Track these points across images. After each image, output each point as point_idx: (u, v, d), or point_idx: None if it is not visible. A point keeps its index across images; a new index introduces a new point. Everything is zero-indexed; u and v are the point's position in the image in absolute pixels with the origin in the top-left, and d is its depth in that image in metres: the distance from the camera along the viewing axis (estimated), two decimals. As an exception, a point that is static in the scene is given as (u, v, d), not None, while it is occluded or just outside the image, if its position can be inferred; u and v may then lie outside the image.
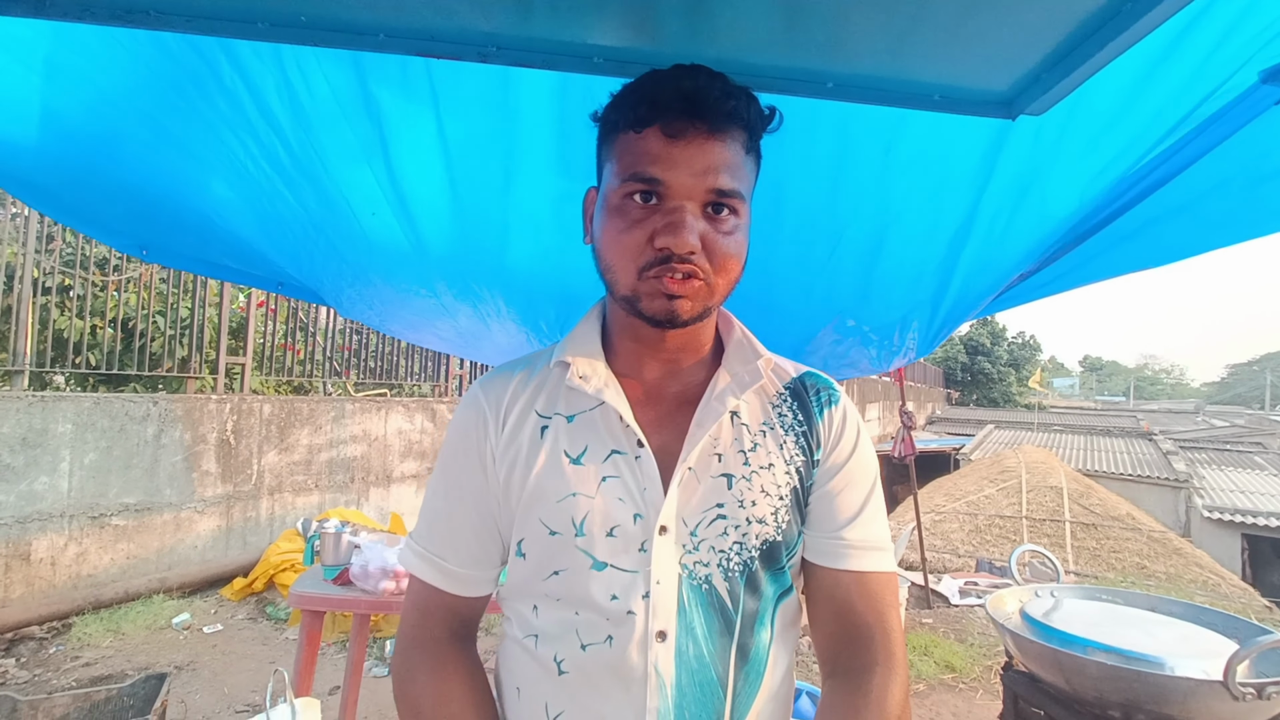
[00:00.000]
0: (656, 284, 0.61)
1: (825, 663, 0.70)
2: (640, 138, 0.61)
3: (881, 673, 0.65)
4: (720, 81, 0.62)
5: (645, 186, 0.61)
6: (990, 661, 3.71)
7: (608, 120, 0.67)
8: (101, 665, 3.08)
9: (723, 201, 0.62)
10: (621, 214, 0.62)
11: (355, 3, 0.78)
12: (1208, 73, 0.88)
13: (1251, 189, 1.01)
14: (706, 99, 0.60)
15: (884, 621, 0.67)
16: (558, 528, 0.65)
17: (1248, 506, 10.43)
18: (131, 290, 4.15)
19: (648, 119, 0.61)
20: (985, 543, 8.41)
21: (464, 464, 0.71)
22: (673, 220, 0.60)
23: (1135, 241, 1.15)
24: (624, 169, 0.62)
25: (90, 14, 0.80)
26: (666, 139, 0.60)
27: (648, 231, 0.61)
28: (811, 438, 0.71)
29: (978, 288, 1.26)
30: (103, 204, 1.28)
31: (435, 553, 0.71)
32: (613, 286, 0.66)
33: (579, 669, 0.64)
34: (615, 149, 0.65)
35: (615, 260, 0.63)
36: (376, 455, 5.10)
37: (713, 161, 0.60)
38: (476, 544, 0.71)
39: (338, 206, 1.26)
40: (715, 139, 0.61)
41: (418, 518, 0.74)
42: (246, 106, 1.04)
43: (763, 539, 0.66)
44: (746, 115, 0.63)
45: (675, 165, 0.60)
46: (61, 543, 3.50)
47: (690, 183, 0.60)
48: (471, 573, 0.71)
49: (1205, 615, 1.27)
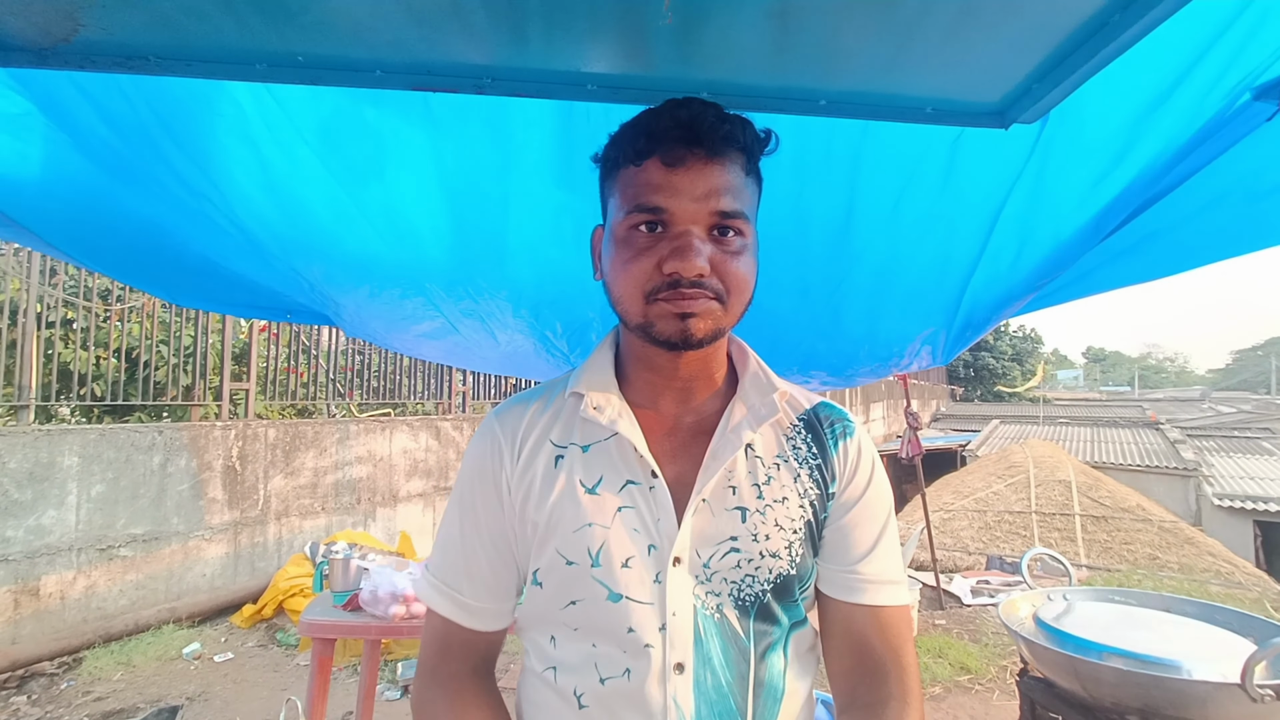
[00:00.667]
0: (667, 306, 0.62)
1: (840, 696, 0.70)
2: (641, 170, 0.63)
3: (896, 706, 0.64)
4: (714, 109, 0.63)
5: (649, 216, 0.62)
6: (1005, 661, 3.68)
7: (608, 159, 0.68)
8: (113, 699, 3.07)
9: (727, 224, 0.62)
10: (628, 244, 0.63)
11: (351, 41, 0.79)
12: (1204, 90, 0.89)
13: (1249, 204, 1.03)
14: (702, 125, 0.61)
15: (900, 657, 0.67)
16: (574, 558, 0.65)
17: (1259, 493, 10.37)
18: (134, 320, 4.18)
19: (646, 151, 0.62)
20: (995, 539, 8.37)
21: (480, 494, 0.71)
22: (679, 245, 0.60)
23: (1134, 256, 1.17)
24: (627, 201, 0.63)
25: (91, 63, 0.81)
26: (666, 168, 0.61)
27: (655, 259, 0.61)
28: (826, 470, 0.71)
29: (989, 304, 1.28)
30: (130, 255, 1.29)
31: (451, 585, 0.71)
32: (625, 317, 0.66)
33: (599, 702, 0.64)
34: (618, 185, 0.66)
35: (624, 290, 0.64)
36: (382, 475, 5.10)
37: (714, 185, 0.61)
38: (492, 576, 0.71)
39: (328, 236, 1.26)
40: (714, 163, 0.62)
41: (433, 548, 0.74)
42: (233, 134, 1.05)
43: (776, 573, 0.66)
44: (743, 139, 0.64)
45: (677, 192, 0.61)
46: (70, 576, 3.50)
47: (693, 208, 0.61)
48: (488, 605, 0.71)
49: (1220, 614, 1.26)
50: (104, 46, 0.79)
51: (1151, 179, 1.00)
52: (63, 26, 0.76)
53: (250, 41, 0.79)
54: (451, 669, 0.70)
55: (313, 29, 0.76)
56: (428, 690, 0.69)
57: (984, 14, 0.73)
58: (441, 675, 0.70)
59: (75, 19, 0.75)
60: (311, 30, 0.77)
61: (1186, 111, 0.92)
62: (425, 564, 0.74)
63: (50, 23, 0.76)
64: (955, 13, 0.72)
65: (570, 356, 1.77)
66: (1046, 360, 40.19)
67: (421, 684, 0.70)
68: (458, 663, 0.70)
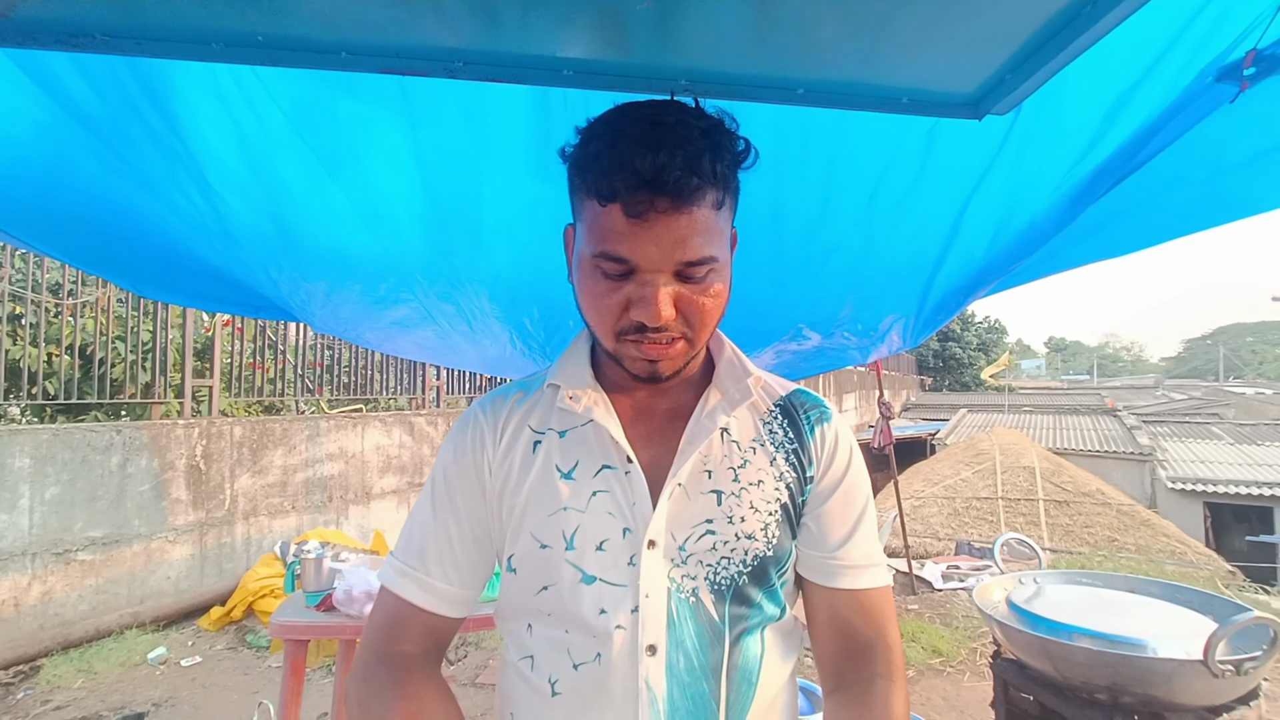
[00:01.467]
0: (634, 351, 0.62)
1: (827, 679, 0.71)
2: (605, 211, 0.58)
3: (883, 684, 0.66)
4: (685, 150, 0.56)
5: (615, 265, 0.59)
6: (975, 644, 3.79)
7: (572, 172, 0.64)
8: (74, 708, 2.96)
9: (694, 270, 0.59)
10: (595, 280, 0.61)
11: (315, 21, 0.76)
12: (1173, 76, 0.91)
13: (1209, 182, 1.06)
14: (667, 178, 0.55)
15: (884, 636, 0.69)
16: (548, 541, 0.66)
17: (1208, 476, 10.86)
18: (88, 315, 4.00)
19: (608, 194, 0.57)
20: (964, 525, 8.61)
21: (460, 480, 0.71)
22: (645, 295, 0.59)
23: (1100, 233, 1.19)
24: (593, 240, 0.60)
25: (34, 40, 0.76)
26: (629, 220, 0.57)
27: (622, 300, 0.60)
28: (803, 454, 0.71)
29: (960, 286, 1.30)
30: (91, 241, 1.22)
31: (419, 569, 0.70)
32: (595, 339, 0.67)
33: (572, 689, 0.64)
34: (584, 211, 0.62)
35: (594, 321, 0.64)
36: (354, 472, 5.00)
37: (680, 235, 0.57)
38: (466, 561, 0.71)
39: (304, 220, 1.23)
40: (680, 213, 0.57)
41: (400, 537, 0.73)
42: (197, 127, 1.01)
43: (753, 555, 0.66)
44: (714, 177, 0.58)
45: (642, 244, 0.57)
46: (25, 582, 3.35)
47: (659, 259, 0.58)
48: (456, 590, 0.70)
49: (1182, 594, 1.31)
50: (44, 23, 0.74)
51: (1120, 161, 1.03)
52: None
53: (207, 20, 0.75)
54: (402, 648, 0.69)
55: (274, 7, 0.73)
56: (370, 669, 0.67)
57: (961, 5, 0.73)
58: (389, 654, 0.68)
59: (13, -8, 0.70)
60: (273, 9, 0.73)
61: (1156, 96, 0.95)
62: (391, 552, 0.73)
63: (-15, -4, 0.71)
64: (932, 3, 0.72)
65: (546, 347, 1.75)
66: (1011, 350, 41.33)
67: (366, 664, 0.67)
68: (411, 643, 0.69)
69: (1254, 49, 0.81)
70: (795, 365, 1.71)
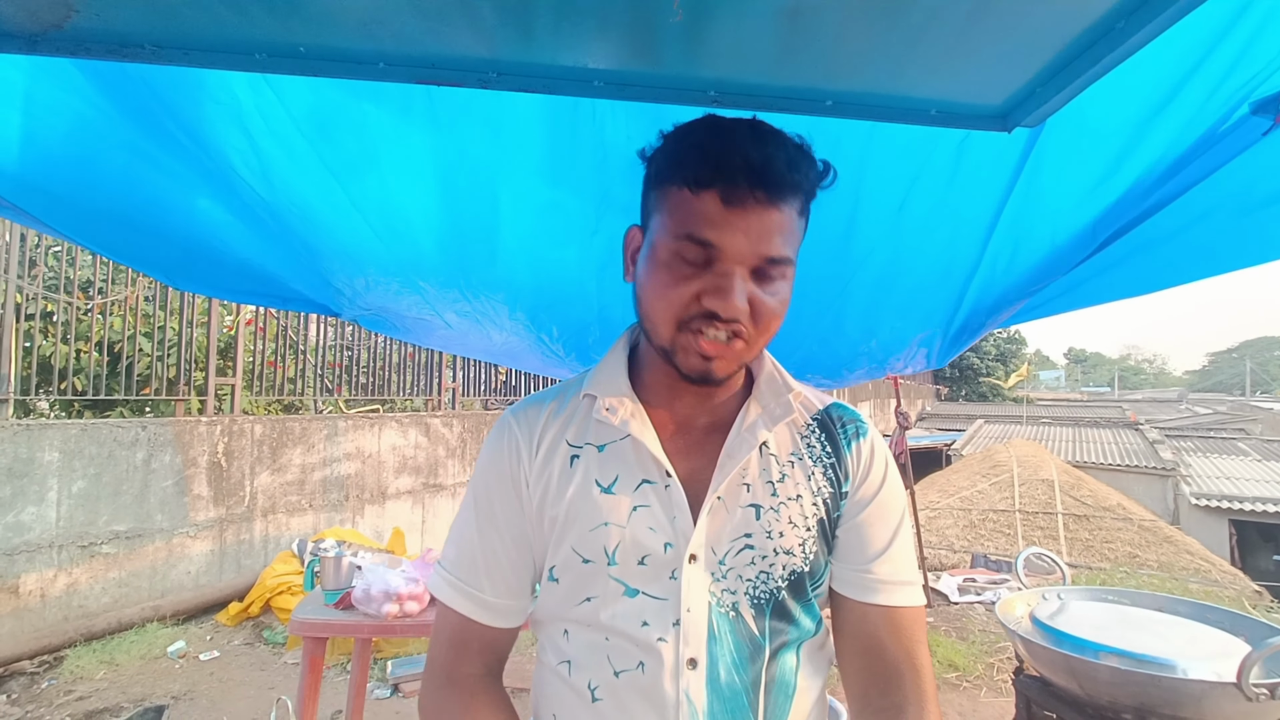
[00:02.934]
0: (694, 341, 0.62)
1: (854, 699, 0.70)
2: (697, 198, 0.60)
3: (914, 712, 0.65)
4: (784, 149, 0.60)
5: (699, 250, 0.60)
6: (992, 659, 3.73)
7: (660, 166, 0.65)
8: (96, 698, 3.01)
9: (773, 268, 0.61)
10: (670, 269, 0.62)
11: (355, 32, 0.78)
12: (1202, 99, 0.90)
13: (1237, 220, 1.04)
14: (771, 171, 0.58)
15: (914, 659, 0.67)
16: (590, 556, 0.66)
17: (1234, 493, 10.60)
18: (116, 313, 4.09)
19: (707, 181, 0.59)
20: (980, 537, 8.47)
21: (498, 491, 0.71)
22: (723, 285, 0.59)
23: (1122, 269, 1.18)
24: (677, 226, 0.61)
25: (85, 50, 0.79)
26: (725, 206, 0.59)
27: (695, 290, 0.61)
28: (840, 469, 0.71)
29: (988, 304, 1.29)
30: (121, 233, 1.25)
31: (469, 583, 0.70)
32: (651, 334, 0.66)
33: (613, 695, 0.65)
34: (668, 201, 0.63)
35: (657, 311, 0.63)
36: (371, 472, 5.05)
37: (769, 229, 0.59)
38: (512, 573, 0.71)
39: (323, 232, 1.25)
40: (773, 208, 0.59)
41: (446, 546, 0.74)
42: (228, 127, 1.03)
43: (790, 570, 0.66)
44: (807, 183, 0.62)
45: (732, 231, 0.59)
46: (51, 574, 3.43)
47: (745, 249, 0.59)
48: (508, 602, 0.71)
49: (1212, 614, 1.28)
50: (98, 34, 0.77)
51: (1147, 189, 1.01)
52: (55, 12, 0.74)
53: (251, 31, 0.77)
54: (466, 670, 0.70)
55: (316, 19, 0.75)
56: (440, 692, 0.69)
57: (991, 18, 0.73)
58: (456, 677, 0.69)
59: (68, 5, 0.73)
60: (315, 21, 0.75)
61: (1184, 120, 0.94)
62: (438, 562, 0.74)
63: (42, 8, 0.73)
64: (963, 16, 0.72)
65: (566, 359, 1.75)
66: (1029, 361, 40.76)
67: (434, 685, 0.70)
68: (473, 664, 0.70)
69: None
70: (820, 379, 1.70)
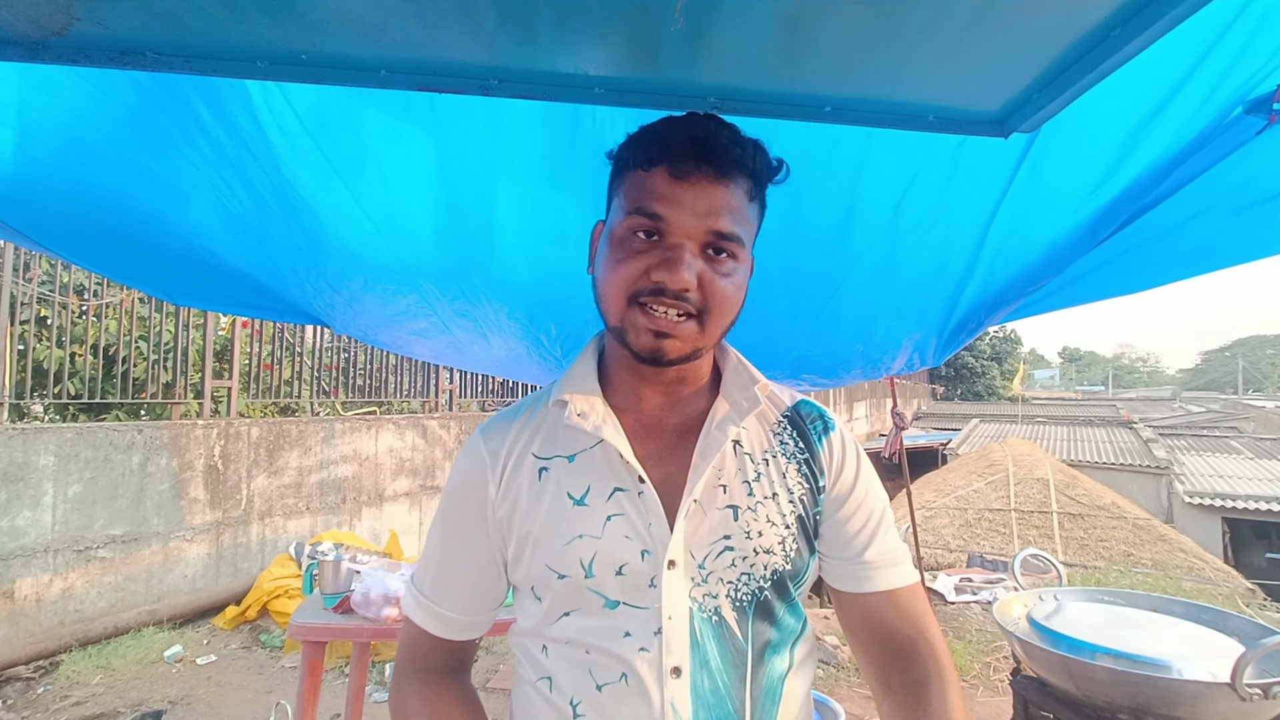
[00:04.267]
0: (644, 318, 0.62)
1: (877, 682, 0.70)
2: (648, 176, 0.63)
3: (937, 684, 0.65)
4: (730, 131, 0.64)
5: (648, 223, 0.62)
6: (989, 658, 3.75)
7: (620, 158, 0.69)
8: (93, 704, 3.00)
9: (722, 244, 0.63)
10: (622, 245, 0.64)
11: (357, 40, 0.78)
12: (1198, 103, 0.91)
13: (1230, 218, 1.05)
14: (714, 145, 0.62)
15: (925, 632, 0.69)
16: (566, 571, 0.65)
17: (1226, 490, 10.66)
18: (112, 316, 4.08)
19: (657, 159, 0.63)
20: (976, 537, 8.51)
21: (463, 513, 0.72)
22: (671, 257, 0.61)
23: (1116, 266, 1.19)
24: (629, 204, 0.64)
25: (85, 58, 0.79)
26: (672, 179, 0.62)
27: (645, 264, 0.62)
28: (814, 464, 0.72)
29: (982, 308, 1.30)
30: (115, 250, 1.24)
31: (430, 598, 0.73)
32: (605, 316, 0.67)
33: (596, 710, 0.63)
34: (624, 185, 0.67)
35: (609, 288, 0.64)
36: (368, 474, 5.04)
37: (715, 204, 0.62)
38: (471, 592, 0.73)
39: (324, 228, 1.25)
40: (719, 183, 0.62)
41: (418, 563, 0.76)
42: (223, 134, 1.03)
43: (772, 569, 0.66)
44: (752, 164, 0.65)
45: (679, 204, 0.62)
46: (46, 578, 3.41)
47: (691, 223, 0.62)
48: (465, 618, 0.73)
49: (1206, 614, 1.29)
50: (99, 41, 0.77)
51: (1144, 189, 1.02)
52: (56, 20, 0.74)
53: (252, 39, 0.77)
54: (427, 664, 0.73)
55: (318, 27, 0.75)
56: (403, 683, 0.72)
57: (989, 25, 0.74)
58: (416, 669, 0.73)
59: (70, 12, 0.73)
60: (316, 29, 0.75)
61: (1180, 123, 0.94)
62: (410, 577, 0.76)
63: (43, 15, 0.73)
64: (962, 24, 0.73)
65: (563, 362, 1.76)
66: (1024, 359, 40.92)
67: (396, 683, 0.73)
68: (433, 660, 0.73)
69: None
70: (816, 379, 1.71)
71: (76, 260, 1.25)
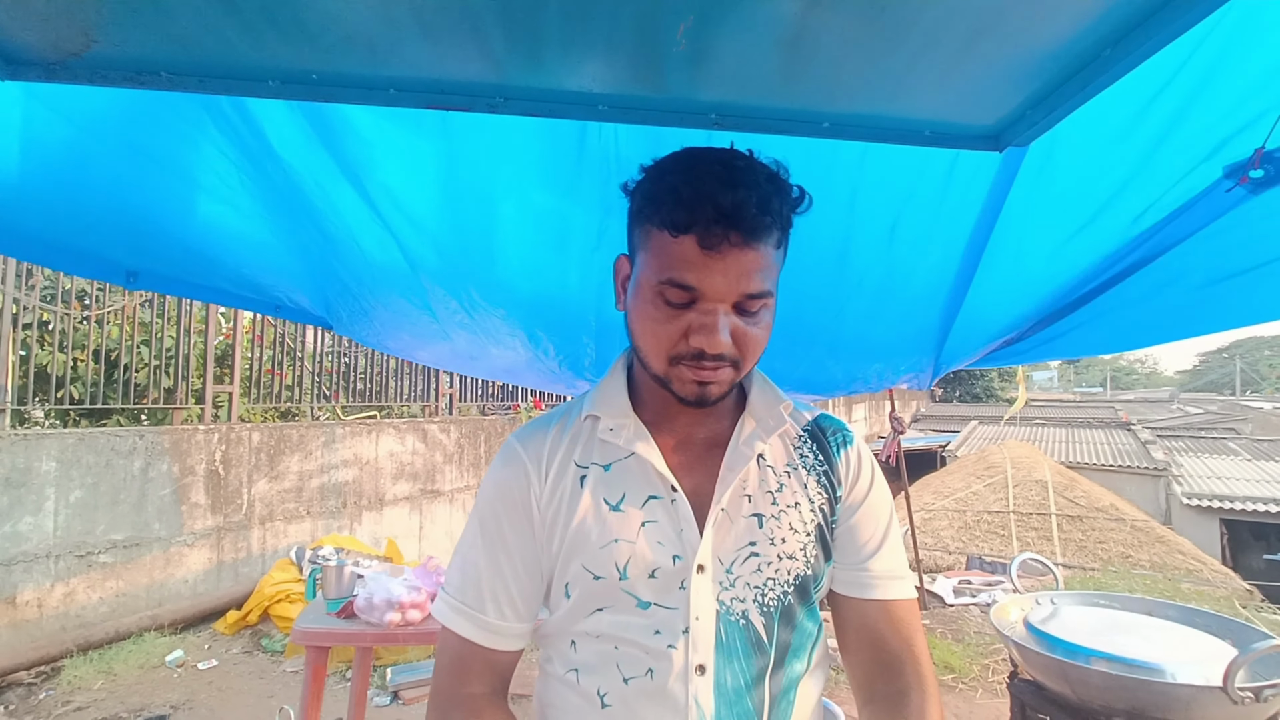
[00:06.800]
0: (688, 373, 0.65)
1: (860, 690, 0.73)
2: (676, 243, 0.62)
3: (917, 696, 0.68)
4: (758, 191, 0.61)
5: (682, 292, 0.63)
6: (988, 660, 3.76)
7: (640, 205, 0.67)
8: (94, 709, 3.00)
9: (753, 302, 0.64)
10: (656, 308, 0.65)
11: (367, 60, 0.80)
12: (1181, 165, 0.94)
13: (1203, 289, 1.09)
14: (744, 214, 0.60)
15: (912, 647, 0.72)
16: (601, 572, 0.68)
17: (1225, 492, 10.67)
18: (113, 322, 4.09)
19: (684, 226, 0.61)
20: (975, 539, 8.53)
21: (508, 518, 0.72)
22: (707, 323, 0.62)
23: (1091, 328, 1.25)
24: (660, 268, 0.63)
25: (102, 77, 0.81)
26: (702, 250, 0.61)
27: (681, 328, 0.64)
28: (833, 475, 0.75)
29: (974, 338, 1.35)
30: (81, 232, 1.21)
31: (474, 607, 0.71)
32: (645, 364, 0.69)
33: (622, 701, 0.67)
34: (650, 241, 0.65)
35: (648, 346, 0.67)
36: (368, 479, 5.05)
37: (746, 269, 0.62)
38: (520, 598, 0.72)
39: (332, 229, 1.26)
40: (749, 248, 0.62)
41: (449, 571, 0.75)
42: (236, 130, 1.04)
43: (795, 574, 0.70)
44: (780, 220, 0.64)
45: (711, 274, 0.61)
46: (48, 584, 3.41)
47: (724, 289, 0.62)
48: (512, 625, 0.72)
49: (1199, 618, 1.31)
50: (115, 61, 0.79)
51: (1128, 246, 1.06)
52: (75, 41, 0.76)
53: (264, 59, 0.79)
54: (471, 690, 0.70)
55: (329, 48, 0.77)
56: (445, 712, 0.69)
57: (985, 44, 0.76)
58: (460, 698, 0.70)
59: (88, 34, 0.75)
60: (327, 49, 0.77)
61: (1166, 184, 0.98)
62: (441, 588, 0.75)
63: (62, 37, 0.75)
64: (959, 43, 0.75)
65: (561, 372, 1.77)
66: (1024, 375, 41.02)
67: (438, 708, 0.70)
68: (478, 684, 0.71)
69: (1261, 148, 0.84)
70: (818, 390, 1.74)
71: (77, 260, 1.26)
